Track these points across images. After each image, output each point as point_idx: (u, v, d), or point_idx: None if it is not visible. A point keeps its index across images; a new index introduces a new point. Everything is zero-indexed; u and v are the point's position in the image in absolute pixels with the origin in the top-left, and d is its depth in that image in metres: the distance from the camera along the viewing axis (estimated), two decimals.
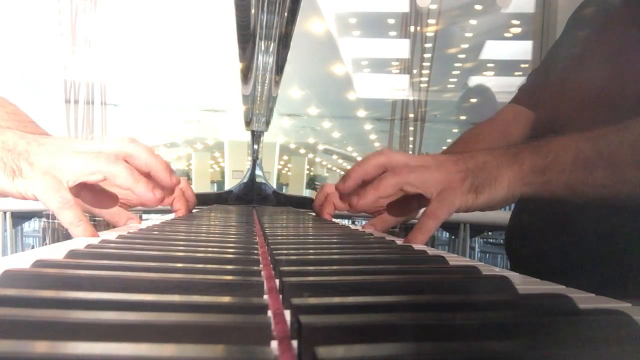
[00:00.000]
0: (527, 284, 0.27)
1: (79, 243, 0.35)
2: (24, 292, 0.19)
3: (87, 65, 2.74)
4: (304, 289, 0.21)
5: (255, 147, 1.31)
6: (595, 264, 0.55)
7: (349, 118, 6.96)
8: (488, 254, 3.43)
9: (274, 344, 0.15)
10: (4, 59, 3.38)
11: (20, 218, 2.14)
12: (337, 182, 0.54)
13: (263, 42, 0.87)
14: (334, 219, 0.80)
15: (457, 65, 5.05)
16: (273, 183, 1.57)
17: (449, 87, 5.12)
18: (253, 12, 0.78)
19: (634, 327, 0.16)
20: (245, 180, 1.30)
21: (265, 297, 0.22)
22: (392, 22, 4.10)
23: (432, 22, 3.20)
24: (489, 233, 3.50)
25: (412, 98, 3.19)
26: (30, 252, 0.32)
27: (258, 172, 1.31)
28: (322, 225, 0.66)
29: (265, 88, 1.07)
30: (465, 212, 0.49)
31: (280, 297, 0.22)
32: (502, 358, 0.14)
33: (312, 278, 0.23)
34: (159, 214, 1.09)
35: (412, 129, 3.19)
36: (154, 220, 0.66)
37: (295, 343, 0.15)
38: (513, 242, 0.73)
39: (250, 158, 1.32)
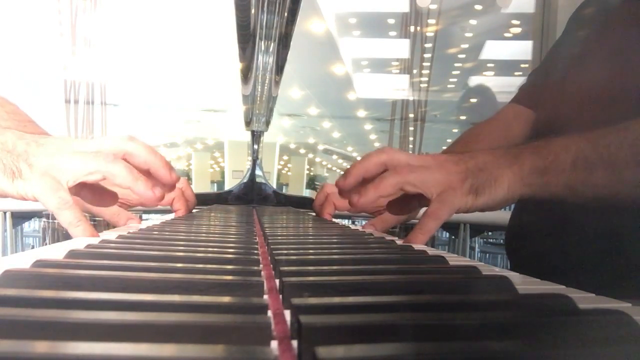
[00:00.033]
0: (527, 284, 0.27)
1: (79, 243, 0.35)
2: (24, 292, 0.19)
3: (87, 65, 2.74)
4: (304, 289, 0.21)
5: (255, 147, 1.31)
6: (595, 264, 0.55)
7: (349, 118, 6.96)
8: (488, 254, 3.43)
9: (274, 344, 0.15)
10: (4, 59, 3.38)
11: (20, 218, 2.14)
12: (337, 179, 0.54)
13: (263, 42, 0.87)
14: (334, 219, 0.80)
15: (457, 65, 5.04)
16: (273, 183, 1.57)
17: (449, 87, 5.12)
18: (253, 12, 0.78)
19: (634, 327, 0.16)
20: (245, 180, 1.30)
21: (265, 297, 0.22)
22: (392, 22, 4.10)
23: (432, 22, 3.19)
24: (489, 233, 3.50)
25: (412, 98, 3.19)
26: (30, 252, 0.32)
27: (258, 172, 1.31)
28: (322, 225, 0.66)
29: (265, 88, 1.07)
30: (465, 212, 0.49)
31: (280, 297, 0.22)
32: (502, 358, 0.14)
33: (312, 278, 0.23)
34: (159, 214, 1.09)
35: (412, 129, 3.18)
36: (154, 220, 0.66)
37: (295, 343, 0.15)
38: (513, 242, 0.73)
39: (250, 158, 1.32)
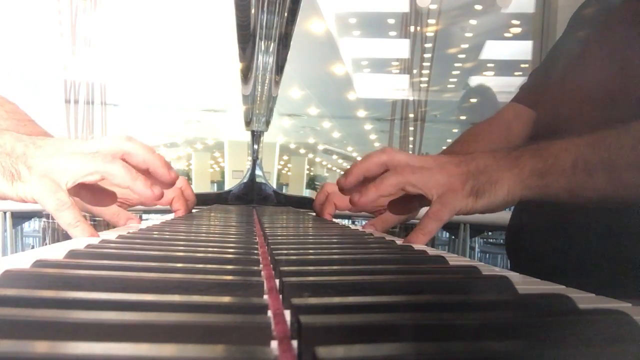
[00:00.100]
0: (527, 284, 0.27)
1: (79, 243, 0.35)
2: (24, 292, 0.19)
3: (87, 65, 2.74)
4: (304, 289, 0.21)
5: (255, 147, 1.31)
6: (595, 264, 0.55)
7: (349, 118, 6.96)
8: (488, 254, 3.43)
9: (274, 344, 0.15)
10: (4, 59, 3.38)
11: (20, 218, 2.14)
12: (338, 178, 0.54)
13: (263, 42, 0.87)
14: (334, 219, 0.80)
15: (457, 65, 5.04)
16: (273, 183, 1.57)
17: (449, 87, 5.12)
18: (253, 12, 0.78)
19: (634, 327, 0.16)
20: (245, 180, 1.30)
21: (265, 297, 0.22)
22: (392, 22, 4.10)
23: (432, 22, 3.19)
24: (489, 233, 3.50)
25: (412, 98, 3.19)
26: (30, 252, 0.32)
27: (258, 172, 1.31)
28: (322, 225, 0.66)
29: (265, 88, 1.07)
30: (466, 214, 0.49)
31: (280, 297, 0.22)
32: (502, 358, 0.14)
33: (312, 278, 0.23)
34: (159, 214, 1.09)
35: (412, 129, 3.18)
36: (154, 220, 0.66)
37: (295, 343, 0.15)
38: (513, 242, 0.73)
39: (250, 158, 1.32)
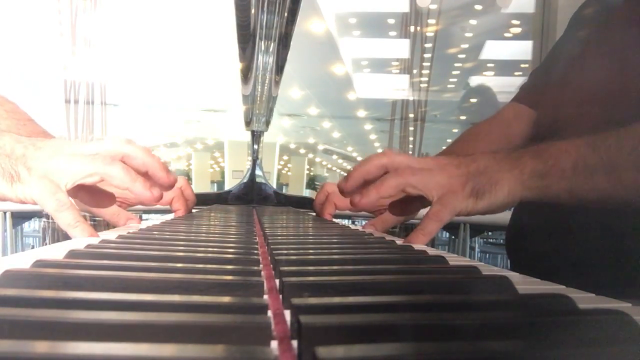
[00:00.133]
0: (527, 284, 0.27)
1: (79, 243, 0.35)
2: (24, 292, 0.19)
3: (87, 65, 2.74)
4: (304, 289, 0.21)
5: (255, 147, 1.31)
6: (595, 264, 0.55)
7: (349, 118, 6.96)
8: (488, 254, 3.43)
9: (274, 344, 0.15)
10: (4, 59, 3.38)
11: (20, 218, 2.15)
12: (338, 181, 0.54)
13: (263, 42, 0.87)
14: (334, 219, 0.80)
15: (457, 65, 5.05)
16: (273, 183, 1.57)
17: (449, 87, 5.12)
18: (253, 12, 0.78)
19: (634, 327, 0.16)
20: (245, 180, 1.30)
21: (265, 297, 0.22)
22: (392, 22, 4.10)
23: (432, 22, 3.20)
24: (489, 233, 3.51)
25: (412, 98, 3.19)
26: (30, 252, 0.32)
27: (258, 172, 1.31)
28: (322, 225, 0.66)
29: (265, 88, 1.07)
30: (466, 215, 0.50)
31: (280, 297, 0.22)
32: (502, 358, 0.14)
33: (312, 278, 0.23)
34: (159, 214, 1.09)
35: (412, 129, 3.19)
36: (154, 220, 0.66)
37: (295, 343, 0.15)
38: (513, 242, 0.73)
39: (250, 158, 1.32)
